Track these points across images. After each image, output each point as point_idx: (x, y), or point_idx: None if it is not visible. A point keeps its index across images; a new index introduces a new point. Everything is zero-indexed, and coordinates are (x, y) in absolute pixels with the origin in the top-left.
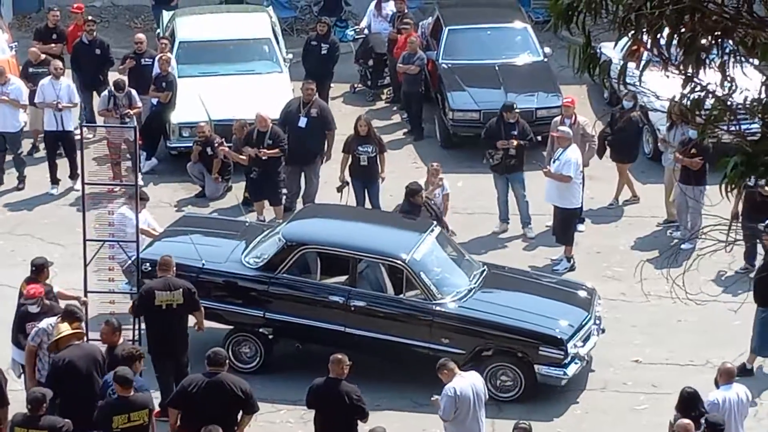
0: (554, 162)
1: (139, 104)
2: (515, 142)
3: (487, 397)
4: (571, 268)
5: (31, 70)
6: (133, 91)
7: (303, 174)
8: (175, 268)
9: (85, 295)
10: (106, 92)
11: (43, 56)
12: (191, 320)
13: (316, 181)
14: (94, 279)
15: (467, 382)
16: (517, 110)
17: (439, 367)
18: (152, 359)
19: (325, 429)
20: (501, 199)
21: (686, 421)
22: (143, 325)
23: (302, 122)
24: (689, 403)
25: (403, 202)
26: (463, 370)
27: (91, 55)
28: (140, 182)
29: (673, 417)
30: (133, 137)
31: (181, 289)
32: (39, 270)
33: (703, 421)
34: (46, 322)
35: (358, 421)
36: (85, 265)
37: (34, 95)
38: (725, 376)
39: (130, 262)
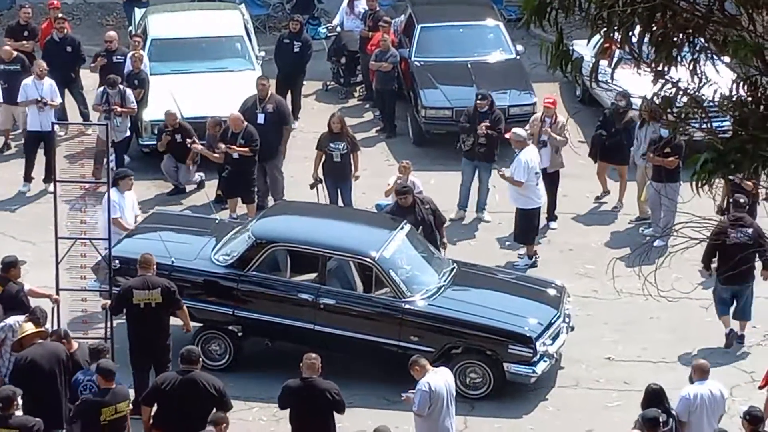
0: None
1: (133, 104)
2: (484, 127)
3: (454, 393)
4: (533, 265)
5: (2, 67)
6: (129, 90)
7: (266, 172)
8: (155, 267)
9: (57, 293)
10: (101, 88)
11: (15, 53)
12: (176, 320)
13: (280, 178)
14: (66, 277)
15: (440, 378)
16: (489, 100)
17: (411, 363)
18: (130, 357)
19: (304, 426)
20: (464, 185)
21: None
22: (116, 323)
23: (260, 119)
24: (654, 399)
25: (393, 203)
26: (434, 367)
27: (63, 52)
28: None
29: (639, 414)
30: (105, 135)
31: (159, 288)
32: (8, 267)
33: (671, 420)
34: (12, 319)
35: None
36: (57, 263)
37: (6, 92)
38: (699, 372)
39: (100, 258)
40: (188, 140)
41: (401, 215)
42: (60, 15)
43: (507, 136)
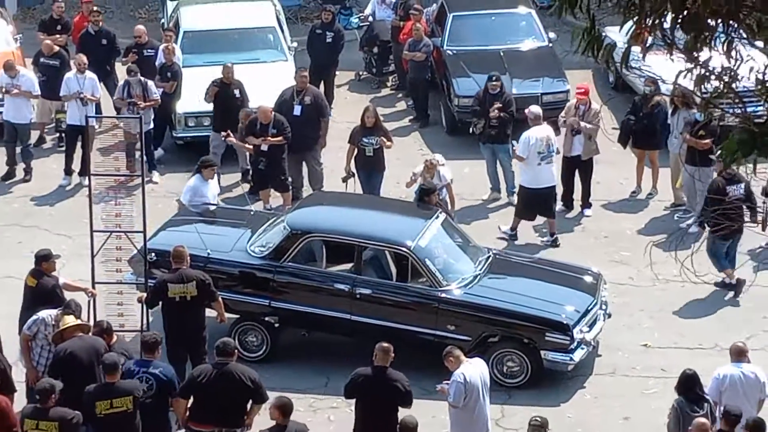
0: None
1: (156, 96)
2: (496, 110)
3: (489, 384)
4: (513, 238)
5: (42, 60)
6: (150, 82)
7: (304, 162)
8: (189, 259)
9: (93, 287)
10: (121, 82)
11: (57, 49)
12: (211, 312)
13: (319, 168)
14: (102, 270)
15: (476, 369)
16: (500, 82)
17: (445, 354)
18: (166, 349)
19: (370, 418)
20: (489, 168)
21: (702, 420)
22: (151, 318)
23: (297, 110)
24: (689, 384)
25: (416, 201)
26: (468, 357)
27: (98, 45)
28: (153, 174)
29: (675, 400)
30: (138, 128)
31: (194, 281)
32: (41, 260)
33: (702, 412)
34: (45, 313)
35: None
36: (93, 257)
37: (44, 86)
38: (734, 355)
39: (136, 252)
40: (223, 134)
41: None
42: (95, 8)
43: (524, 112)
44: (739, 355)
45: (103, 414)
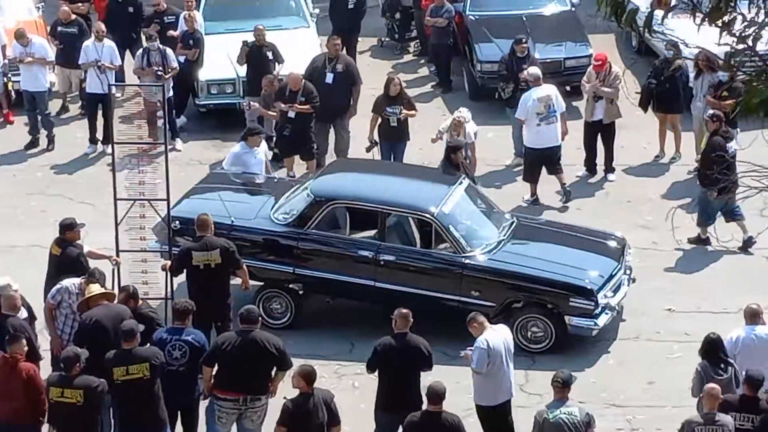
0: None
1: (175, 64)
2: (526, 73)
3: (513, 350)
4: (535, 203)
5: (59, 29)
6: (169, 50)
7: (332, 129)
8: (213, 227)
9: (117, 255)
10: (140, 51)
11: (73, 16)
12: (236, 279)
13: (346, 136)
14: (126, 238)
15: (499, 336)
16: (527, 45)
17: (469, 320)
18: (192, 317)
19: (395, 383)
20: (514, 133)
21: (712, 385)
22: (176, 286)
23: (329, 78)
24: (713, 348)
25: (443, 159)
26: (492, 323)
27: (124, 13)
28: (176, 142)
29: (698, 364)
30: (160, 96)
31: (218, 249)
32: (65, 229)
33: (726, 375)
34: (69, 281)
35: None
36: (117, 225)
37: (62, 54)
38: (748, 317)
39: (160, 219)
40: (244, 103)
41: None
42: None
43: (521, 74)
44: (753, 317)
45: (119, 380)
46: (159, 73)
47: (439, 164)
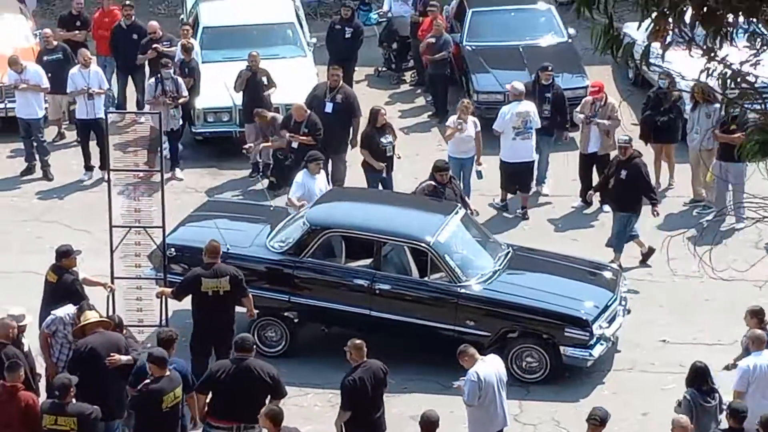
0: None
1: (186, 93)
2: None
3: (505, 380)
4: (503, 208)
5: (45, 58)
6: (180, 79)
7: (330, 160)
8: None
9: (112, 282)
10: (152, 80)
11: (55, 42)
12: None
13: (343, 167)
14: (121, 265)
15: (490, 367)
16: (551, 72)
17: (459, 353)
18: (192, 342)
19: (370, 411)
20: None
21: (682, 418)
22: (170, 313)
23: (328, 107)
24: (699, 376)
25: (429, 178)
26: (485, 354)
27: (129, 39)
28: (177, 171)
29: (686, 392)
30: (158, 124)
31: (228, 276)
32: (62, 256)
33: (714, 403)
34: (63, 311)
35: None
36: (112, 252)
37: (51, 81)
38: (757, 343)
39: (155, 247)
40: (243, 149)
41: (439, 190)
42: (127, 2)
43: (507, 87)
44: (761, 342)
45: (169, 407)
46: (169, 101)
47: (423, 184)
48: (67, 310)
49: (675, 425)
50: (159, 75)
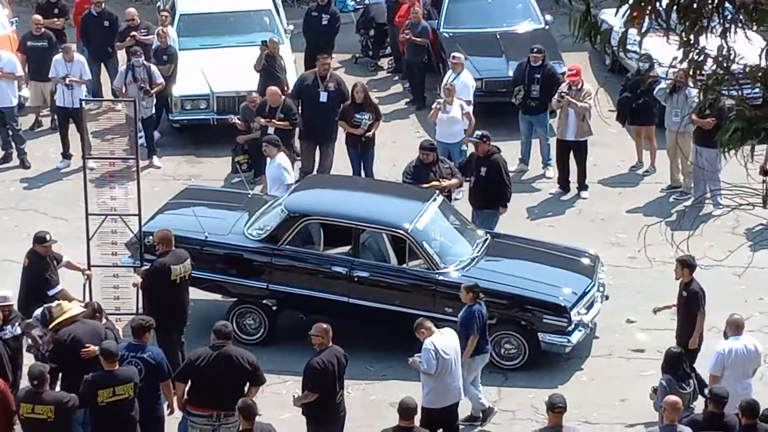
0: None
1: (161, 80)
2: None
3: (460, 353)
4: None
5: (29, 43)
6: (153, 67)
7: (318, 149)
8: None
9: (89, 269)
10: (122, 68)
11: (42, 30)
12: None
13: (331, 155)
14: (98, 253)
15: (446, 339)
16: (542, 54)
17: (416, 326)
18: (160, 330)
19: (331, 396)
20: (522, 140)
21: (674, 398)
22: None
23: (323, 97)
24: (674, 362)
25: (416, 159)
26: (441, 328)
27: (100, 27)
28: (155, 159)
29: (662, 378)
30: (132, 112)
31: (188, 260)
32: (36, 242)
33: (689, 389)
34: (38, 311)
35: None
36: (88, 240)
37: (34, 68)
38: (733, 328)
39: (132, 235)
40: (231, 117)
41: (422, 170)
42: None
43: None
44: (737, 328)
45: (105, 402)
46: (144, 87)
47: (410, 165)
48: (48, 307)
49: (667, 406)
50: (131, 63)
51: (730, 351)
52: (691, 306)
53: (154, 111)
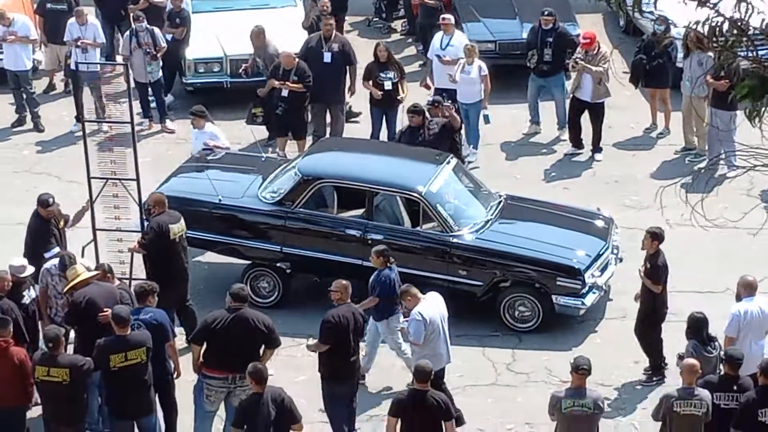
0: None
1: (164, 44)
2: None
3: (447, 317)
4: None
5: (48, 5)
6: (157, 30)
7: (329, 111)
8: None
9: (94, 233)
10: (127, 33)
11: None
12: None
13: (342, 117)
14: (102, 217)
15: (433, 305)
16: (553, 17)
17: (402, 293)
18: (160, 295)
19: (347, 353)
20: (530, 101)
21: (692, 361)
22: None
23: (327, 58)
24: (698, 327)
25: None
26: (425, 293)
27: None
28: (167, 122)
29: (688, 343)
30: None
31: (182, 220)
32: (40, 204)
33: (715, 352)
34: (50, 263)
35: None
36: (92, 203)
37: (51, 31)
38: (747, 289)
39: (147, 199)
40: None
41: (410, 133)
42: None
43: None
44: (751, 288)
45: (117, 367)
46: (149, 51)
47: (401, 130)
48: (53, 262)
49: (684, 369)
50: (133, 28)
51: (745, 313)
52: (652, 278)
53: (161, 74)
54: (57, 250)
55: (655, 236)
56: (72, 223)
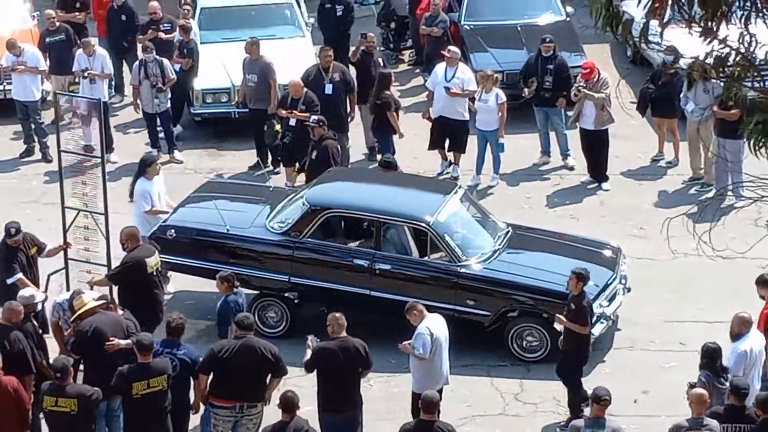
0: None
1: (173, 75)
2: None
3: (448, 339)
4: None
5: (47, 39)
6: (166, 61)
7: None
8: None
9: (66, 263)
10: (136, 63)
11: (58, 23)
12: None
13: (348, 146)
14: (75, 248)
15: (438, 323)
16: (553, 45)
17: (408, 309)
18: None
19: (338, 385)
20: (540, 131)
21: (700, 391)
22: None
23: (328, 89)
24: (712, 358)
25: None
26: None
27: (118, 20)
28: (176, 153)
29: (701, 374)
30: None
31: (156, 252)
32: (7, 235)
33: (728, 384)
34: (61, 297)
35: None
36: (65, 232)
37: (54, 63)
38: (747, 325)
39: (154, 229)
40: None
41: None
42: None
43: (443, 53)
44: (749, 324)
45: (140, 394)
46: (156, 84)
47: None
48: (64, 296)
49: (693, 399)
50: (142, 59)
51: (751, 351)
52: (577, 319)
53: (169, 105)
54: (19, 276)
55: (581, 277)
56: (48, 255)
